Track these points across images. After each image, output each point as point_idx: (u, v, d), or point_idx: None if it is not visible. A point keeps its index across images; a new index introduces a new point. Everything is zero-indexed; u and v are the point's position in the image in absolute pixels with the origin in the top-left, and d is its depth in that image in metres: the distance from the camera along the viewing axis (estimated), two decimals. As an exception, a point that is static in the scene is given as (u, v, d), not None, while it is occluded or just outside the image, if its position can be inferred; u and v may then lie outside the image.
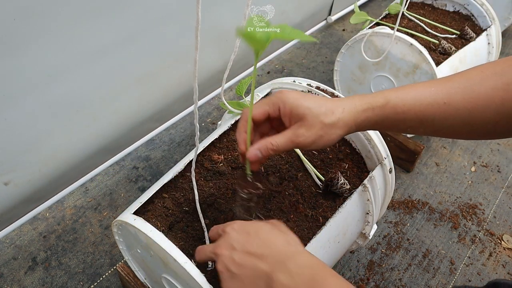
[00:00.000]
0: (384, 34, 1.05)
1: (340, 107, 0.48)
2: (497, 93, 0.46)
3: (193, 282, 0.49)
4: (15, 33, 0.68)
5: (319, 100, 0.48)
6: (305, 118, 0.47)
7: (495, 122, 0.47)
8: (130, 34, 0.87)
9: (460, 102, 0.47)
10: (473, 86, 0.47)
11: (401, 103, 0.48)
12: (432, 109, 0.48)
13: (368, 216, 0.69)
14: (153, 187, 0.61)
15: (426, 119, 0.48)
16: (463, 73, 0.49)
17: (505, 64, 0.47)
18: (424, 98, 0.48)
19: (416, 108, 0.48)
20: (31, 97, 0.77)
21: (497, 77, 0.46)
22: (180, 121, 1.25)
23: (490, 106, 0.46)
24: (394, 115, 0.49)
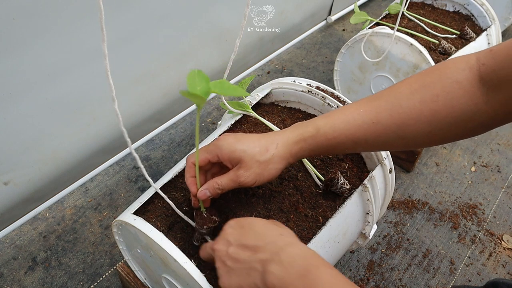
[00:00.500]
0: (384, 34, 1.05)
1: (274, 143, 0.50)
2: (426, 106, 0.47)
3: (193, 282, 0.49)
4: (14, 32, 0.68)
5: (254, 140, 0.50)
6: (242, 161, 0.49)
7: (428, 132, 0.48)
8: (130, 34, 0.87)
9: (389, 119, 0.48)
10: (400, 101, 0.48)
11: (331, 129, 0.50)
12: (362, 130, 0.49)
13: (368, 216, 0.68)
14: (153, 187, 0.61)
15: (358, 140, 0.50)
16: (392, 88, 0.50)
17: (434, 74, 0.48)
18: (353, 120, 0.49)
19: (347, 132, 0.50)
20: (31, 96, 0.77)
21: (426, 90, 0.47)
22: (180, 121, 1.25)
23: (420, 119, 0.47)
24: (326, 141, 0.51)
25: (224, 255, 0.46)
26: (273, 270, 0.41)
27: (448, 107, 0.46)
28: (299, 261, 0.41)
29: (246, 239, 0.46)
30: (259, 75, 1.45)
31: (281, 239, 0.45)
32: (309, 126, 0.51)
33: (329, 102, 0.70)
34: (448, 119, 0.46)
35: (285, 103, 0.77)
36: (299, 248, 0.44)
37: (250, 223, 0.48)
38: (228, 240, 0.47)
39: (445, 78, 0.47)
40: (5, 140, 0.79)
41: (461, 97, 0.45)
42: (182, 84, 1.13)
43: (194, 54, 1.10)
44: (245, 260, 0.44)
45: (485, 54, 0.46)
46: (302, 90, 0.72)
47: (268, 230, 0.47)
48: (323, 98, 0.70)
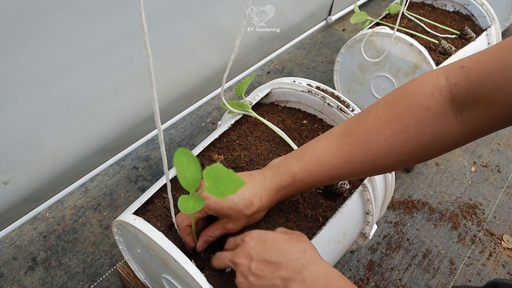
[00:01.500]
0: (384, 34, 1.05)
1: (257, 195, 0.52)
2: (397, 138, 0.46)
3: (193, 282, 0.49)
4: (14, 32, 0.67)
5: (239, 194, 0.51)
6: (229, 216, 0.52)
7: (402, 160, 0.48)
8: (130, 33, 0.87)
9: (361, 156, 0.48)
10: (371, 137, 0.47)
11: (307, 174, 0.51)
12: (337, 170, 0.50)
13: (368, 216, 0.68)
14: (153, 187, 0.61)
15: (335, 178, 0.51)
16: (361, 122, 0.50)
17: (402, 103, 0.46)
18: (327, 162, 0.50)
19: (322, 173, 0.51)
20: (30, 96, 0.77)
21: (395, 122, 0.46)
22: (180, 121, 1.25)
23: (392, 151, 0.47)
24: (305, 185, 0.52)
25: (247, 270, 0.46)
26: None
27: (420, 135, 0.45)
28: (321, 281, 0.41)
29: (268, 254, 0.46)
30: (259, 75, 1.45)
31: (303, 257, 0.45)
32: (285, 175, 0.52)
33: (329, 102, 0.70)
34: (420, 146, 0.46)
35: (285, 103, 0.77)
36: (322, 268, 0.43)
37: (273, 237, 0.48)
38: (250, 254, 0.47)
39: (413, 106, 0.45)
40: (5, 139, 0.79)
41: (432, 123, 0.44)
42: (182, 84, 1.13)
43: (194, 54, 1.10)
44: (267, 277, 0.44)
45: (456, 72, 0.43)
46: (302, 90, 0.72)
47: (291, 247, 0.47)
48: (323, 98, 0.70)
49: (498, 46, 0.42)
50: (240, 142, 0.69)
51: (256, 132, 0.70)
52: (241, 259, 0.47)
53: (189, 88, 1.16)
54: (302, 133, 0.71)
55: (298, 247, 0.47)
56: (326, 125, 0.73)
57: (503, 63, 0.39)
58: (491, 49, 0.42)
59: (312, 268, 0.43)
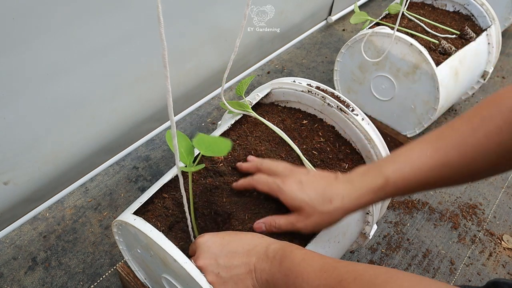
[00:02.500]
0: (384, 34, 1.05)
1: (339, 195, 0.50)
2: (492, 139, 0.46)
3: (193, 282, 0.49)
4: (14, 32, 0.68)
5: (317, 189, 0.50)
6: (302, 209, 0.51)
7: (495, 164, 0.48)
8: (130, 33, 0.87)
9: (458, 158, 0.47)
10: (466, 139, 0.47)
11: (401, 179, 0.49)
12: (432, 174, 0.48)
13: (368, 216, 0.68)
14: (153, 187, 0.61)
15: (428, 183, 0.49)
16: (453, 126, 0.49)
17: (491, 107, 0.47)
18: (423, 165, 0.48)
19: (418, 178, 0.48)
20: (30, 96, 0.77)
21: (487, 123, 0.47)
22: (180, 121, 1.25)
23: (487, 153, 0.47)
24: (397, 190, 0.49)
25: (215, 267, 0.47)
26: (264, 267, 0.46)
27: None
28: (279, 253, 0.46)
29: (233, 247, 0.48)
30: (259, 75, 1.45)
31: (264, 240, 0.49)
32: (378, 176, 0.49)
33: (329, 102, 0.70)
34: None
35: (285, 103, 0.77)
36: (279, 243, 0.48)
37: (228, 233, 0.51)
38: (213, 252, 0.48)
39: (503, 108, 0.46)
40: (5, 139, 0.79)
41: None
42: (182, 83, 1.13)
43: (194, 54, 1.10)
44: (239, 265, 0.47)
45: None
46: (302, 90, 0.72)
47: (249, 236, 0.50)
48: (323, 98, 0.70)
49: None
50: (240, 142, 0.69)
51: (256, 132, 0.70)
52: (205, 260, 0.48)
53: (189, 88, 1.16)
54: (302, 133, 0.71)
55: (255, 235, 0.50)
56: (326, 125, 0.73)
57: None
58: None
59: (273, 246, 0.48)
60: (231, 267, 0.47)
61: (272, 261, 0.46)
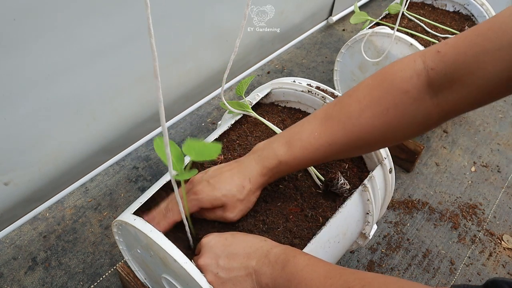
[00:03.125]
0: (384, 34, 1.05)
1: (246, 178, 0.54)
2: (378, 120, 0.48)
3: (193, 283, 0.49)
4: (15, 33, 0.68)
5: (228, 182, 0.53)
6: (226, 204, 0.53)
7: (383, 141, 0.51)
8: (130, 34, 0.87)
9: (344, 138, 0.50)
10: (353, 120, 0.50)
11: (291, 158, 0.53)
12: (320, 152, 0.52)
13: (368, 216, 0.69)
14: (153, 187, 0.61)
15: (318, 159, 0.53)
16: (342, 105, 0.52)
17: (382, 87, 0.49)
18: (311, 145, 0.52)
19: (306, 156, 0.53)
20: (31, 96, 0.77)
21: (375, 105, 0.48)
22: (180, 121, 1.25)
23: (373, 131, 0.49)
24: (289, 167, 0.54)
25: (215, 267, 0.47)
26: (264, 271, 0.46)
27: (399, 117, 0.48)
28: (281, 257, 0.46)
29: (234, 248, 0.48)
30: (259, 75, 1.45)
31: (266, 244, 0.49)
32: (271, 158, 0.54)
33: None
34: (399, 127, 0.48)
35: (285, 103, 0.77)
36: (280, 248, 0.48)
37: (232, 234, 0.51)
38: (215, 253, 0.48)
39: (393, 90, 0.48)
40: (5, 140, 0.79)
41: (410, 106, 0.47)
42: (182, 84, 1.13)
43: (194, 54, 1.10)
44: (238, 268, 0.47)
45: (433, 56, 0.46)
46: (302, 90, 0.72)
47: (252, 238, 0.50)
48: (323, 98, 0.70)
49: (472, 32, 0.44)
50: (240, 142, 0.69)
51: (256, 132, 0.70)
52: (206, 260, 0.48)
53: (189, 88, 1.16)
54: (302, 133, 0.71)
55: (257, 238, 0.51)
56: (326, 125, 0.73)
57: (477, 49, 0.42)
58: (465, 35, 0.44)
59: (275, 250, 0.47)
60: (230, 269, 0.47)
61: (274, 266, 0.45)
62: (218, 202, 0.53)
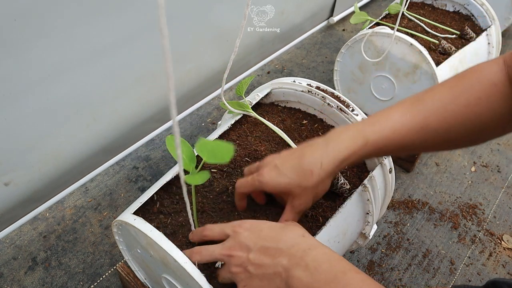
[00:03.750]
0: (384, 34, 1.05)
1: (317, 163, 0.49)
2: (471, 109, 0.47)
3: (193, 283, 0.49)
4: (15, 33, 0.68)
5: (293, 166, 0.49)
6: (290, 192, 0.50)
7: (471, 133, 0.49)
8: (130, 34, 0.87)
9: (437, 124, 0.48)
10: (446, 105, 0.48)
11: (381, 139, 0.49)
12: (411, 136, 0.49)
13: (368, 216, 0.69)
14: (153, 187, 0.61)
15: (406, 145, 0.50)
16: (434, 91, 0.50)
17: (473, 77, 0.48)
18: (402, 127, 0.49)
19: (396, 139, 0.49)
20: (31, 97, 0.77)
21: (468, 93, 0.47)
22: (181, 121, 1.25)
23: (465, 122, 0.48)
24: (376, 150, 0.50)
25: (245, 261, 0.44)
26: (299, 275, 0.41)
27: (490, 109, 0.47)
28: (324, 266, 0.41)
29: (266, 242, 0.45)
30: (259, 75, 1.46)
31: (303, 241, 0.44)
32: (358, 138, 0.49)
33: (329, 102, 0.70)
34: (489, 120, 0.47)
35: (285, 103, 0.77)
36: (324, 252, 0.43)
37: (269, 225, 0.47)
38: (247, 245, 0.45)
39: (484, 80, 0.47)
40: (6, 140, 0.79)
41: (499, 99, 0.46)
42: (183, 84, 1.13)
43: (195, 55, 1.10)
44: (268, 265, 0.43)
45: (510, 57, 0.47)
46: (302, 90, 0.72)
47: (289, 232, 0.46)
48: (323, 98, 0.70)
49: None
50: (240, 142, 0.69)
51: (256, 132, 0.70)
52: (237, 251, 0.45)
53: (190, 88, 1.16)
54: (302, 133, 0.71)
55: (295, 231, 0.46)
56: (326, 125, 0.73)
57: None
58: None
59: (314, 252, 0.42)
60: (260, 265, 0.44)
61: (314, 274, 0.40)
62: (282, 189, 0.50)
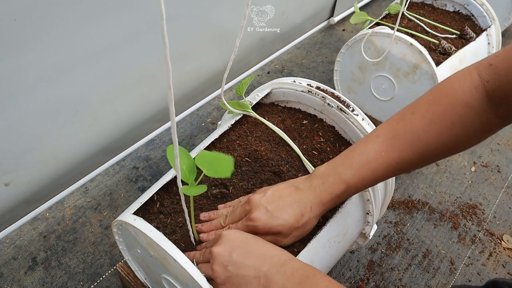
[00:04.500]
0: (384, 34, 1.05)
1: (307, 206, 0.52)
2: (445, 135, 0.49)
3: (193, 283, 0.49)
4: (15, 33, 0.68)
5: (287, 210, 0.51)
6: (280, 233, 0.52)
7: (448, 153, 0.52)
8: (131, 34, 0.87)
9: (411, 156, 0.51)
10: (419, 137, 0.50)
11: (360, 180, 0.52)
12: (387, 171, 0.52)
13: (368, 216, 0.69)
14: (153, 187, 0.61)
15: (382, 178, 0.53)
16: (406, 122, 0.52)
17: (444, 102, 0.49)
18: (379, 165, 0.51)
19: (375, 177, 0.52)
20: (32, 97, 0.77)
21: (441, 120, 0.49)
22: (181, 121, 1.25)
23: (439, 147, 0.50)
24: (356, 190, 0.53)
25: (227, 259, 0.46)
26: (277, 280, 0.44)
27: (465, 131, 0.49)
28: (299, 271, 0.45)
29: (251, 248, 0.47)
30: (259, 75, 1.46)
31: (284, 254, 0.48)
32: (338, 183, 0.52)
33: (329, 102, 0.70)
34: (465, 138, 0.49)
35: (285, 103, 0.77)
36: (300, 262, 0.47)
37: (254, 236, 0.50)
38: (231, 246, 0.47)
39: (456, 104, 0.48)
40: (6, 141, 0.79)
41: (474, 119, 0.48)
42: (183, 84, 1.13)
43: (195, 55, 1.10)
44: (250, 267, 0.46)
45: (486, 70, 0.47)
46: (302, 90, 0.72)
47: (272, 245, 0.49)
48: (323, 98, 0.70)
49: None
50: (240, 142, 0.69)
51: (256, 132, 0.70)
52: (221, 249, 0.47)
53: (190, 88, 1.16)
54: (302, 133, 0.71)
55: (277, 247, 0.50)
56: (326, 125, 0.73)
57: None
58: None
59: (292, 262, 0.46)
60: (241, 266, 0.46)
61: (290, 278, 0.44)
62: (273, 231, 0.51)
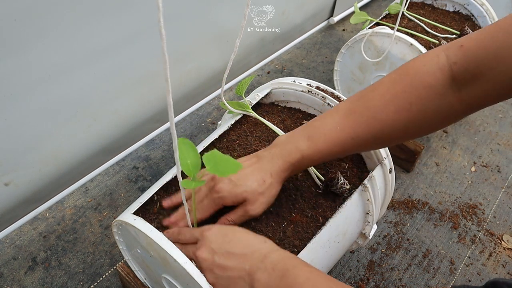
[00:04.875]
0: (384, 34, 1.05)
1: (267, 173, 0.54)
2: (401, 114, 0.49)
3: (193, 283, 0.49)
4: (15, 33, 0.68)
5: (249, 177, 0.53)
6: (247, 199, 0.53)
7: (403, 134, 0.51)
8: (131, 34, 0.87)
9: (366, 133, 0.51)
10: (375, 114, 0.50)
11: (314, 152, 0.54)
12: (343, 145, 0.53)
13: (368, 216, 0.69)
14: (153, 187, 0.61)
15: (340, 152, 0.54)
16: (365, 99, 0.52)
17: (405, 81, 0.49)
18: (333, 139, 0.53)
19: (329, 150, 0.53)
20: (32, 97, 0.77)
21: (399, 99, 0.49)
22: (181, 121, 1.25)
23: (395, 126, 0.49)
24: (311, 161, 0.55)
25: (210, 263, 0.47)
26: (259, 278, 0.44)
27: (422, 112, 0.48)
28: (279, 265, 0.44)
29: (231, 247, 0.48)
30: (259, 75, 1.46)
31: (265, 247, 0.48)
32: (294, 152, 0.54)
33: (329, 102, 0.70)
34: (422, 121, 0.49)
35: (285, 103, 0.77)
36: (279, 254, 0.46)
37: (233, 230, 0.50)
38: (212, 248, 0.48)
39: (416, 84, 0.48)
40: (6, 141, 0.79)
41: (434, 100, 0.47)
42: (183, 84, 1.13)
43: (195, 55, 1.10)
44: (232, 268, 0.46)
45: (455, 51, 0.46)
46: (302, 90, 0.72)
47: (252, 238, 0.49)
48: (323, 98, 0.70)
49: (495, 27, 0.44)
50: (240, 142, 0.69)
51: (256, 132, 0.70)
52: (203, 254, 0.48)
53: (190, 88, 1.16)
54: (302, 133, 0.71)
55: (258, 238, 0.49)
56: (326, 125, 0.73)
57: (499, 44, 0.42)
58: (488, 30, 0.44)
59: (272, 255, 0.46)
60: (225, 268, 0.46)
61: (271, 273, 0.44)
62: (239, 198, 0.53)
